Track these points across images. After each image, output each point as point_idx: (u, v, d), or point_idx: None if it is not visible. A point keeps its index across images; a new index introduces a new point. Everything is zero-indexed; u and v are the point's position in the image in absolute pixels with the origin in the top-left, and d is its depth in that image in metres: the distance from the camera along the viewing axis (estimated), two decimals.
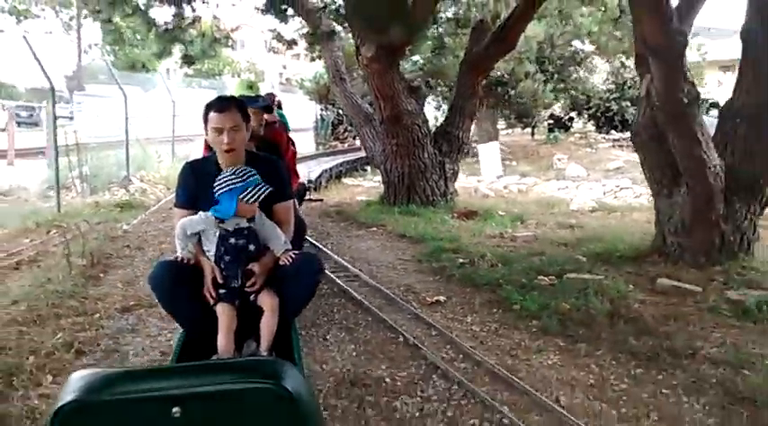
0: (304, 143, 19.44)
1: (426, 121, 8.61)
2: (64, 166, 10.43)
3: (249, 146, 2.95)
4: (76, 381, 1.44)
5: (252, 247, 2.69)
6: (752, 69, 4.90)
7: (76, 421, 1.38)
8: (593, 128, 21.97)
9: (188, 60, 10.51)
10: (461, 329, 3.91)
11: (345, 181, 13.19)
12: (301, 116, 21.71)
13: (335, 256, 5.64)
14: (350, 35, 8.97)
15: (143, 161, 12.13)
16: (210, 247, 2.68)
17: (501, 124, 22.21)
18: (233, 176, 2.61)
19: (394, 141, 8.11)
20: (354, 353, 3.48)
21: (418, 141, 8.10)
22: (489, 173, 10.88)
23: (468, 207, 8.11)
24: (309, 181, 10.26)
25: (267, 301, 2.66)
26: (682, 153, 4.62)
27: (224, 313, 2.59)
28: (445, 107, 14.89)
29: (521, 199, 9.32)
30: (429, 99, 18.09)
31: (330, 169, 13.03)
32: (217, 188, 2.61)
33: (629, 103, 20.02)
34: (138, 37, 19.57)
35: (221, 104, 2.73)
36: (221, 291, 2.63)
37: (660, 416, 2.79)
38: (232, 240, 2.65)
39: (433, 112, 19.32)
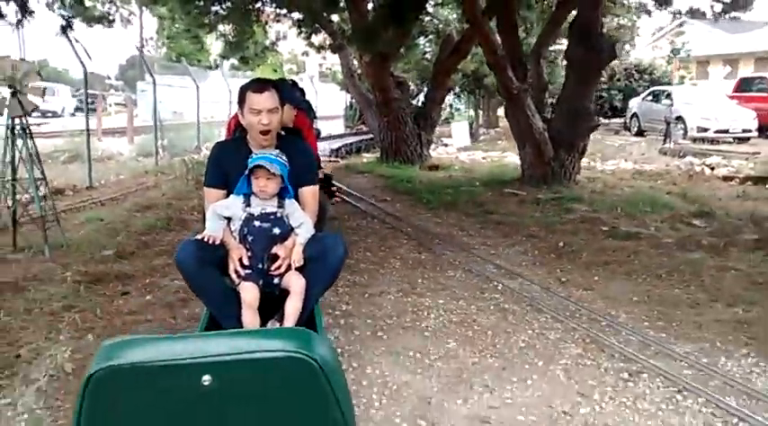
0: (335, 125, 23.90)
1: (410, 105, 12.90)
2: (148, 139, 15.08)
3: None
4: (109, 348, 1.50)
5: (277, 231, 2.83)
6: (572, 74, 9.01)
7: (108, 387, 1.44)
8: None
9: (244, 61, 14.91)
10: (393, 209, 8.16)
11: (363, 154, 17.48)
12: (334, 103, 26.17)
13: (341, 184, 9.94)
14: None
15: (208, 135, 16.57)
16: (237, 227, 2.84)
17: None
18: (255, 154, 2.82)
19: (385, 119, 12.39)
20: (344, 213, 7.74)
21: (402, 119, 12.35)
22: (458, 144, 14.98)
23: (434, 164, 12.35)
24: (332, 151, 14.62)
25: (293, 283, 2.78)
26: (519, 123, 8.81)
27: (246, 290, 2.69)
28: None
29: (477, 162, 13.48)
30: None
31: (351, 144, 17.27)
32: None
33: (617, 92, 23.82)
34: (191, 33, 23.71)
35: (260, 85, 2.89)
36: (246, 272, 2.74)
37: (485, 236, 6.94)
38: (257, 223, 2.80)
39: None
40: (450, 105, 20.48)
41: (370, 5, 11.69)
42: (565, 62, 9.13)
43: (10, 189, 5.29)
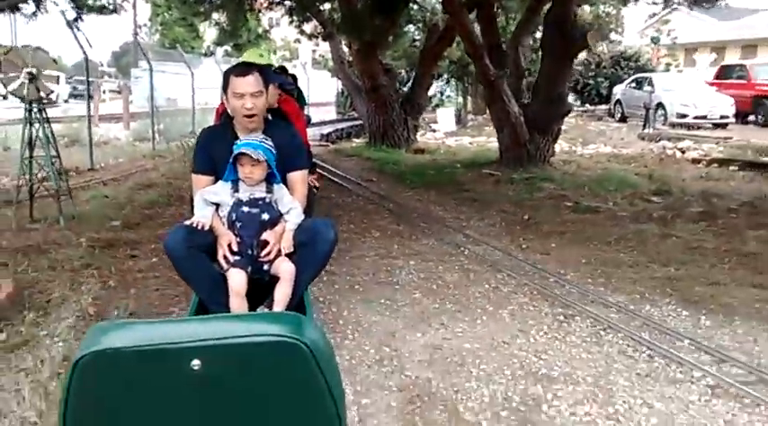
0: (327, 112, 24.46)
1: (397, 91, 13.52)
2: (143, 124, 15.68)
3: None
4: (96, 332, 1.49)
5: (266, 217, 2.85)
6: (546, 61, 9.63)
7: (95, 372, 1.42)
8: (578, 102, 26.41)
9: (237, 48, 15.49)
10: (377, 188, 8.79)
11: (354, 139, 18.11)
12: (327, 90, 26.69)
13: (330, 167, 10.57)
14: None
15: (202, 120, 17.14)
16: (226, 213, 2.87)
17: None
18: (240, 140, 2.84)
19: (373, 105, 13.01)
20: (331, 193, 8.38)
21: (389, 105, 12.96)
22: (444, 129, 15.62)
23: (421, 148, 12.99)
24: (323, 135, 15.24)
25: (282, 269, 2.80)
26: (497, 108, 9.45)
27: (234, 277, 2.72)
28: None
29: (463, 146, 14.13)
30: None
31: (342, 129, 17.88)
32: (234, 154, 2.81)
33: (603, 79, 24.46)
34: (186, 21, 24.12)
35: (243, 69, 2.91)
36: (235, 258, 2.78)
37: (459, 211, 7.61)
38: (245, 208, 2.84)
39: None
40: (441, 92, 21.07)
41: None
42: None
43: (28, 166, 5.90)
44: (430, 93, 16.83)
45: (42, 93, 5.76)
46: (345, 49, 14.47)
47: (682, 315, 4.07)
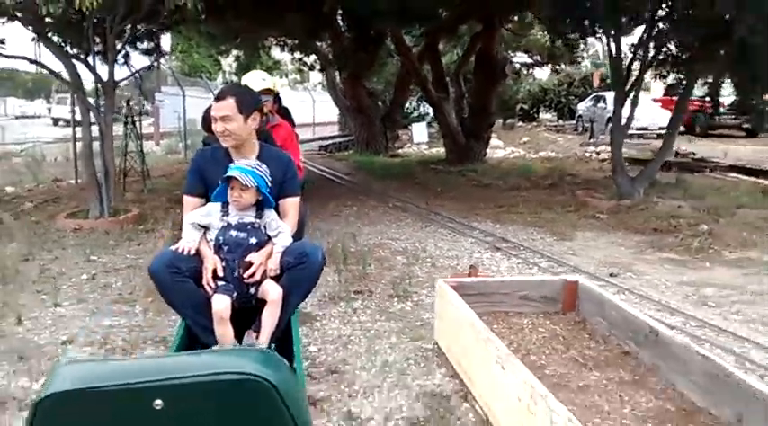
0: (332, 129, 28.32)
1: (378, 109, 17.33)
2: (172, 141, 19.60)
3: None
4: (59, 372, 1.45)
5: (253, 241, 2.89)
6: (476, 85, 13.39)
7: (57, 412, 1.40)
8: (556, 117, 30.15)
9: None
10: (353, 179, 12.54)
11: (348, 150, 21.98)
12: (331, 110, 30.59)
13: (324, 168, 14.34)
14: None
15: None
16: (213, 236, 2.92)
17: None
18: (235, 164, 2.92)
19: (358, 121, 16.84)
20: (322, 183, 12.12)
21: (372, 121, 16.75)
22: (417, 140, 19.36)
23: (396, 154, 16.76)
24: (321, 147, 19.07)
25: (269, 292, 2.83)
26: (441, 121, 13.20)
27: (217, 302, 2.72)
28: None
29: (431, 152, 17.86)
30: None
31: (339, 142, 21.68)
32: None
33: (573, 97, 28.18)
34: (203, 49, 27.99)
35: (221, 94, 3.00)
36: (220, 283, 2.79)
37: (403, 190, 11.37)
38: (233, 233, 2.88)
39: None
40: (415, 109, 24.84)
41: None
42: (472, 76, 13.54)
43: (121, 157, 9.71)
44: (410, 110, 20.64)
45: (134, 112, 9.59)
46: (338, 77, 18.34)
47: (495, 228, 7.72)
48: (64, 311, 4.51)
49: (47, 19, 6.30)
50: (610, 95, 24.16)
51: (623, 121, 8.42)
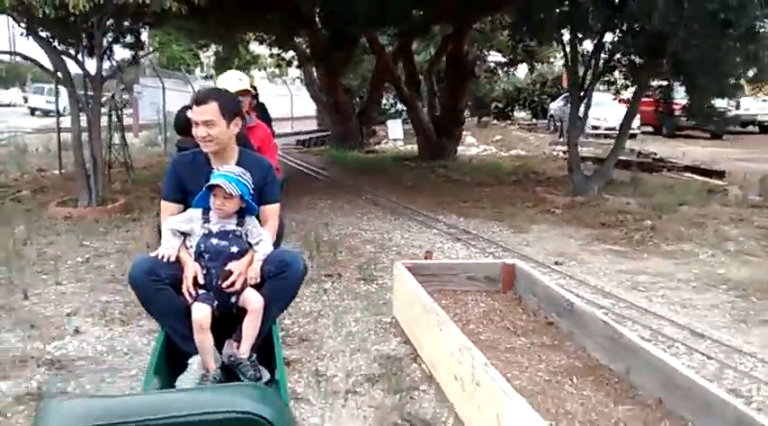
0: (311, 124, 28.79)
1: (354, 106, 17.91)
2: (151, 133, 20.00)
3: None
4: (47, 411, 1.42)
5: (234, 249, 2.88)
6: (447, 85, 14.01)
7: None
8: (530, 116, 30.98)
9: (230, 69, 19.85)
10: (328, 173, 13.11)
11: (325, 145, 22.53)
12: (309, 105, 31.04)
13: (300, 162, 14.89)
14: None
15: None
16: (194, 244, 2.89)
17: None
18: (219, 170, 2.90)
19: (335, 117, 17.40)
20: (299, 176, 12.71)
21: (348, 116, 17.32)
22: (392, 136, 19.98)
23: (372, 149, 17.36)
24: (299, 141, 19.60)
25: (250, 301, 2.82)
26: (413, 118, 13.83)
27: (197, 311, 2.70)
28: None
29: (405, 149, 18.50)
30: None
31: (317, 137, 22.18)
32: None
33: (546, 96, 28.98)
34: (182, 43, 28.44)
35: (201, 97, 2.96)
36: (200, 291, 2.77)
37: (376, 184, 11.99)
38: (214, 240, 2.86)
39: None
40: (392, 105, 25.47)
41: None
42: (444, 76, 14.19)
43: (106, 149, 10.19)
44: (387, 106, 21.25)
45: (118, 104, 10.07)
46: (315, 74, 18.87)
47: (459, 221, 8.35)
48: (64, 289, 5.06)
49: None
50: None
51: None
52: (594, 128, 22.05)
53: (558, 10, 7.41)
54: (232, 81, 4.69)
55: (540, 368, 3.35)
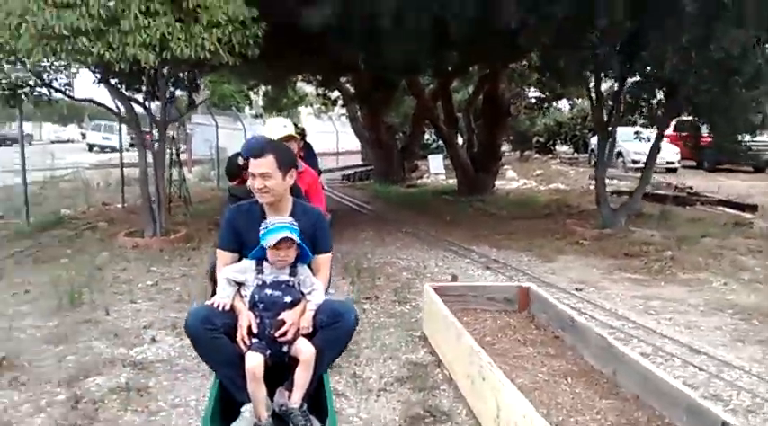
0: (355, 158, 29.77)
1: (396, 142, 18.75)
2: (204, 168, 21.13)
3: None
4: None
5: (288, 299, 2.96)
6: (485, 123, 14.72)
7: None
8: (572, 150, 31.39)
9: (280, 111, 20.98)
10: (372, 207, 13.89)
11: (369, 180, 23.40)
12: (355, 141, 32.11)
13: (346, 196, 15.70)
14: None
15: None
16: (248, 294, 2.99)
17: (506, 147, 31.92)
18: (270, 223, 2.98)
19: (377, 153, 18.26)
20: (345, 209, 13.52)
21: (390, 152, 18.16)
22: (433, 171, 20.71)
23: (413, 183, 18.12)
24: (344, 176, 20.50)
25: (302, 351, 2.86)
26: (452, 154, 14.56)
27: (250, 360, 2.77)
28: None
29: (446, 183, 19.20)
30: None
31: (361, 171, 23.11)
32: (260, 233, 2.97)
33: (588, 131, 29.40)
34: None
35: (259, 150, 3.07)
36: (253, 340, 2.84)
37: (416, 217, 12.72)
38: (268, 291, 2.94)
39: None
40: (434, 141, 26.28)
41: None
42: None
43: (167, 184, 11.15)
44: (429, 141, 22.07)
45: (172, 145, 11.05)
46: (359, 112, 19.83)
47: (491, 251, 8.97)
48: (139, 306, 5.88)
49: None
50: (620, 130, 25.69)
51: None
52: (634, 162, 22.43)
53: (578, 55, 8.06)
54: (277, 128, 4.78)
55: (541, 371, 3.97)
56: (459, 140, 16.94)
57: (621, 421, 3.32)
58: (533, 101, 24.43)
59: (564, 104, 29.10)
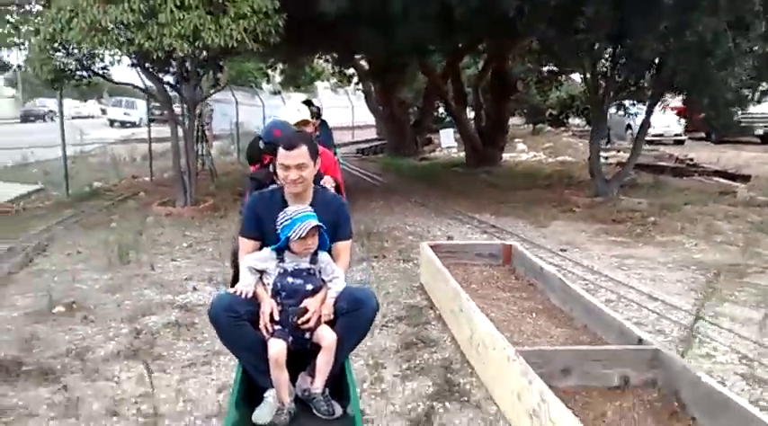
0: (371, 132, 30.65)
1: (409, 117, 19.59)
2: (223, 144, 22.12)
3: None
4: None
5: (309, 287, 2.99)
6: (492, 99, 15.52)
7: None
8: (585, 122, 31.98)
9: (297, 87, 21.85)
10: (383, 179, 14.80)
11: (383, 153, 24.26)
12: (369, 115, 32.93)
13: (359, 168, 16.62)
14: None
15: None
16: (271, 282, 3.00)
17: (519, 120, 32.56)
18: (292, 213, 2.97)
19: (390, 127, 19.11)
20: (358, 181, 14.43)
21: (402, 127, 19.00)
22: (444, 145, 21.53)
23: (425, 157, 18.97)
24: (359, 150, 21.41)
25: (324, 337, 2.90)
26: (461, 129, 15.39)
27: (273, 347, 2.83)
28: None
29: (457, 156, 20.02)
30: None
31: (376, 145, 24.00)
32: (279, 223, 2.98)
33: None
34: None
35: (290, 142, 3.07)
36: (276, 327, 2.89)
37: (425, 188, 13.64)
38: (290, 279, 2.98)
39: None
40: (448, 114, 27.06)
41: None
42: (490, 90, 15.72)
43: (193, 157, 12.12)
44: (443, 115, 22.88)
45: (203, 119, 11.99)
46: (373, 88, 20.65)
47: (491, 218, 9.86)
48: (178, 264, 6.88)
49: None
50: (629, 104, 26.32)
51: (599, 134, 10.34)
52: None
53: (571, 40, 8.86)
54: (291, 113, 4.85)
55: (513, 309, 4.90)
56: (471, 114, 17.74)
57: (569, 342, 4.24)
58: (545, 74, 25.28)
59: (577, 77, 29.69)
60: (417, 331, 4.87)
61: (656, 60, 8.45)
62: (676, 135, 23.18)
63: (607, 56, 9.50)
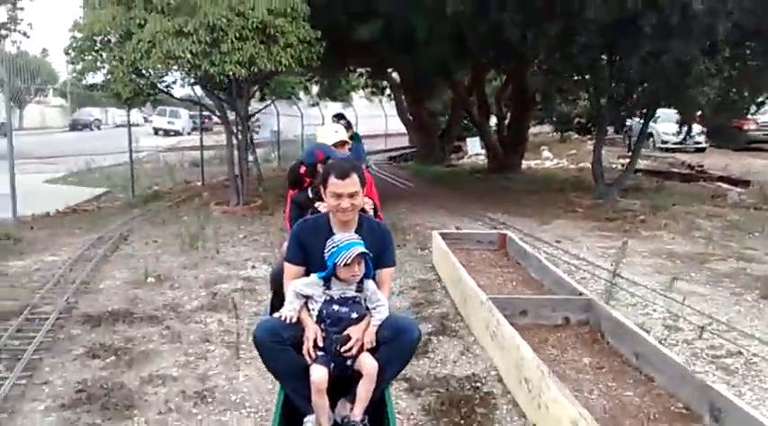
0: (402, 141, 32.22)
1: (438, 126, 21.14)
2: (264, 151, 23.90)
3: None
4: None
5: (354, 315, 3.01)
6: (513, 111, 16.98)
7: None
8: (612, 131, 33.12)
9: (333, 99, 23.55)
10: (412, 184, 16.34)
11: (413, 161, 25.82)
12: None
13: (390, 175, 18.19)
14: None
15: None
16: (316, 308, 3.03)
17: (549, 128, 33.90)
18: (339, 241, 3.00)
19: (419, 135, 20.67)
20: (389, 186, 15.99)
21: (431, 136, 20.55)
22: (471, 152, 22.98)
23: (452, 163, 20.48)
24: (390, 158, 23.00)
25: (365, 365, 2.92)
26: (484, 138, 16.88)
27: (315, 373, 2.86)
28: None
29: (480, 163, 21.45)
30: None
31: (406, 153, 25.61)
32: (326, 250, 3.01)
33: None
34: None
35: (342, 171, 3.08)
36: (319, 353, 2.92)
37: (450, 192, 15.14)
38: (335, 307, 3.01)
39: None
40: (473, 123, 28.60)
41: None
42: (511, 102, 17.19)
43: (245, 164, 13.82)
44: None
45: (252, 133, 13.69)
46: (404, 99, 22.26)
47: (502, 216, 11.32)
48: (238, 250, 8.53)
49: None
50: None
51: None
52: (663, 142, 24.27)
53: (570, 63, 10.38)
54: (329, 134, 5.04)
55: (499, 280, 6.42)
56: (494, 124, 19.22)
57: (533, 297, 5.74)
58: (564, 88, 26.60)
59: None
60: (425, 295, 6.42)
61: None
62: (696, 143, 24.24)
63: (604, 76, 10.96)
